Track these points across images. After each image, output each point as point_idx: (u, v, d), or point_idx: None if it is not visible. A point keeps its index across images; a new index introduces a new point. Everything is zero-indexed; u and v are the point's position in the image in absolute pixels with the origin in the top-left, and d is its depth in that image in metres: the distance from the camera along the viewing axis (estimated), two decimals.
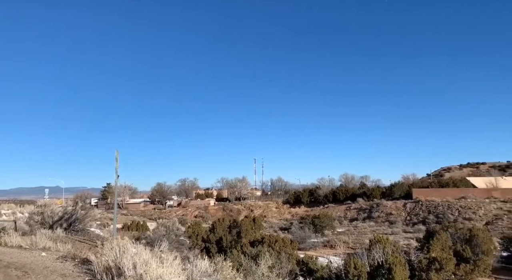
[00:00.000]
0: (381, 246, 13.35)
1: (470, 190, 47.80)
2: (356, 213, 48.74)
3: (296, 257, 14.37)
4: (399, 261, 9.28)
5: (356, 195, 55.57)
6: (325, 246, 28.82)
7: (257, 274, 7.60)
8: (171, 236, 14.77)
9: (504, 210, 37.36)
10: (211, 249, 20.67)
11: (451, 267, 10.32)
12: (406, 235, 31.69)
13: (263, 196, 79.38)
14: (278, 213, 59.18)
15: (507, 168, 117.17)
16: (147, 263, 4.93)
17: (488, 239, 18.97)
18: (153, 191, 79.26)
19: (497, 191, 45.75)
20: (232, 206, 64.36)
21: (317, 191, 62.87)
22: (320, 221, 35.07)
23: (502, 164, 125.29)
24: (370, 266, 9.93)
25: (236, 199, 72.74)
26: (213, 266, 6.64)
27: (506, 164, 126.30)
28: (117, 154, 10.02)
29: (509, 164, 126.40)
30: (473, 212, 38.27)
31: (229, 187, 79.44)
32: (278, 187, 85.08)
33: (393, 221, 41.65)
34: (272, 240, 18.62)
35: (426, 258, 11.03)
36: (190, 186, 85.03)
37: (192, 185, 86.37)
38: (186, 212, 63.38)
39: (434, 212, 40.82)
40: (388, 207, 46.17)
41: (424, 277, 9.67)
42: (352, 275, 9.21)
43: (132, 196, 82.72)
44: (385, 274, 9.02)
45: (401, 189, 54.03)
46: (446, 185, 55.58)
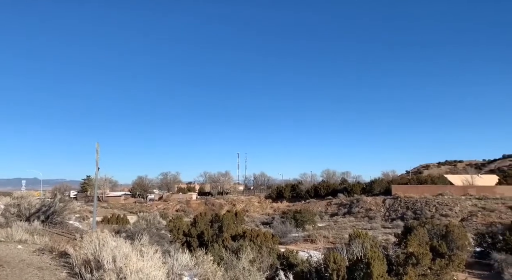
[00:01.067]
0: (360, 241, 13.59)
1: (447, 187, 49.08)
2: (336, 208, 49.40)
3: (277, 251, 14.51)
4: (378, 256, 9.46)
5: (337, 191, 56.31)
6: (306, 240, 29.14)
7: (238, 268, 7.63)
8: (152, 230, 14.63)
9: (479, 207, 38.54)
10: (193, 243, 20.63)
11: (427, 262, 10.59)
12: (385, 231, 32.32)
13: (246, 191, 79.52)
14: (260, 208, 59.45)
15: (483, 166, 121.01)
16: (127, 257, 4.87)
17: (463, 235, 19.56)
18: (134, 185, 78.31)
19: (473, 188, 47.13)
20: (214, 201, 64.28)
21: (299, 186, 63.42)
22: (302, 216, 35.42)
23: (478, 162, 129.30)
24: (349, 261, 10.10)
25: (218, 193, 72.66)
26: (194, 260, 6.63)
27: (482, 163, 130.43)
28: (98, 146, 9.84)
29: (485, 162, 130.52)
30: (450, 209, 39.33)
31: (212, 181, 79.25)
32: (261, 182, 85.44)
33: (372, 216, 42.42)
34: (253, 234, 18.72)
35: (403, 253, 11.30)
36: (172, 180, 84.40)
37: (174, 179, 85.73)
38: (168, 206, 62.99)
39: (412, 208, 41.76)
40: (368, 202, 46.97)
41: (401, 271, 9.91)
42: (331, 269, 9.35)
43: (113, 189, 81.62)
44: (363, 269, 9.19)
45: (381, 185, 55.02)
46: (425, 182, 56.89)
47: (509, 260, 17.11)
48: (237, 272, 7.41)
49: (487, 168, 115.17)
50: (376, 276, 8.84)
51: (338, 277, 9.15)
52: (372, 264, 8.99)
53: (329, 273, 9.37)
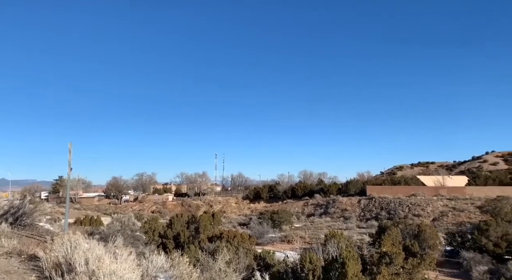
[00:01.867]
0: (335, 241, 13.79)
1: (419, 188, 50.46)
2: (313, 208, 49.92)
3: (254, 252, 14.52)
4: (352, 255, 9.62)
5: (314, 191, 56.92)
6: (283, 241, 29.29)
7: (214, 270, 7.59)
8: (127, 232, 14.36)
9: (450, 207, 39.81)
10: (168, 244, 20.37)
11: (400, 261, 10.83)
12: (360, 231, 32.88)
13: (223, 192, 79.25)
14: (237, 209, 59.36)
15: (454, 168, 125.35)
16: (100, 259, 4.76)
17: (434, 235, 20.15)
18: (109, 185, 76.63)
19: (444, 189, 48.67)
20: (191, 202, 63.72)
21: (277, 187, 63.73)
22: (279, 217, 35.58)
23: (449, 164, 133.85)
24: (325, 261, 10.22)
25: (195, 194, 72.07)
26: (170, 261, 6.55)
27: (453, 164, 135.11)
28: (71, 146, 9.57)
29: (455, 164, 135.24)
30: (422, 209, 40.44)
31: (189, 182, 78.58)
32: (239, 182, 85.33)
33: (348, 216, 43.09)
34: (230, 235, 18.68)
35: (377, 252, 11.52)
36: (147, 181, 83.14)
37: (150, 179, 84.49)
38: (143, 207, 61.99)
39: (386, 209, 42.69)
40: (343, 203, 47.70)
41: (375, 270, 10.10)
42: (307, 269, 9.44)
43: (86, 190, 79.62)
44: (338, 268, 9.32)
45: (356, 186, 55.99)
46: (398, 182, 58.30)
47: (477, 259, 17.75)
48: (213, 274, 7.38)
49: (458, 170, 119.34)
50: (351, 276, 8.99)
51: (313, 277, 9.24)
52: (347, 264, 9.13)
53: (305, 273, 9.46)
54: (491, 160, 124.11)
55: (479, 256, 18.09)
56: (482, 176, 63.40)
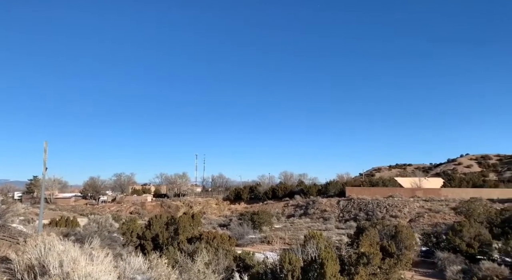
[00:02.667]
0: (315, 241, 13.90)
1: (397, 190, 51.52)
2: (293, 209, 50.25)
3: (233, 253, 14.48)
4: (331, 256, 9.72)
5: (294, 192, 57.32)
6: (263, 242, 29.35)
7: (193, 271, 7.53)
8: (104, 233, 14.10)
9: (426, 209, 40.78)
10: (146, 246, 20.09)
11: (377, 262, 11.02)
12: (339, 231, 33.27)
13: (204, 193, 78.83)
14: (218, 210, 59.13)
15: (430, 170, 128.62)
16: (75, 261, 4.65)
17: (410, 235, 20.58)
18: (86, 186, 75.04)
19: (420, 190, 49.85)
20: (171, 202, 63.08)
21: (257, 188, 63.87)
22: (259, 218, 35.64)
23: (425, 166, 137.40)
24: (304, 261, 10.30)
25: (175, 195, 71.41)
26: (148, 263, 6.47)
27: (429, 166, 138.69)
28: (46, 145, 9.33)
29: (431, 166, 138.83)
30: (399, 210, 41.29)
31: (168, 183, 77.83)
32: (219, 183, 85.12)
33: (327, 217, 43.57)
34: (210, 236, 18.58)
35: (355, 253, 11.68)
36: (126, 181, 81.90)
37: (129, 180, 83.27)
38: (121, 208, 60.92)
39: (365, 210, 43.38)
40: (323, 204, 48.21)
41: (353, 271, 10.24)
42: (286, 270, 9.48)
43: (62, 190, 77.70)
44: (317, 269, 9.40)
45: (336, 187, 56.71)
46: (376, 184, 59.39)
47: (451, 259, 18.25)
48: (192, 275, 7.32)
49: (434, 172, 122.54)
50: (329, 276, 9.08)
51: (293, 278, 9.29)
52: (326, 264, 9.23)
53: (284, 274, 9.50)
54: (465, 162, 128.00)
55: (453, 256, 18.60)
56: (457, 178, 65.35)
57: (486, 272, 15.69)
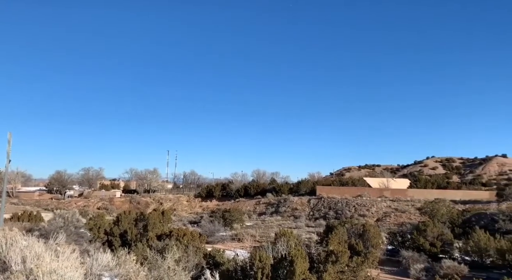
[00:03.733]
0: (285, 239, 14.04)
1: (365, 189, 52.83)
2: (265, 207, 50.53)
3: (203, 251, 14.40)
4: (301, 254, 9.85)
5: (266, 190, 57.64)
6: (233, 239, 29.33)
7: (163, 268, 7.43)
8: (70, 228, 13.68)
9: (392, 208, 42.05)
10: (114, 242, 19.65)
11: (345, 260, 11.24)
12: (309, 229, 33.73)
13: (175, 189, 77.92)
14: (189, 207, 58.61)
15: (397, 171, 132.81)
16: (39, 257, 4.49)
17: (377, 234, 21.15)
18: (51, 180, 72.43)
19: (388, 191, 51.34)
20: (140, 199, 61.94)
21: (230, 185, 63.77)
22: (230, 215, 35.60)
23: (393, 167, 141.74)
24: (274, 259, 10.38)
25: (145, 191, 70.19)
26: (116, 259, 6.34)
27: (397, 167, 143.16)
28: (10, 136, 8.93)
29: (399, 167, 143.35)
30: (367, 209, 42.36)
31: (138, 178, 76.43)
32: (191, 180, 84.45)
33: (297, 215, 44.09)
34: (180, 233, 18.38)
35: (324, 251, 11.88)
36: (94, 176, 79.79)
37: (97, 175, 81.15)
38: (88, 203, 59.26)
39: (334, 208, 44.22)
40: (294, 202, 48.75)
41: (322, 268, 10.42)
42: (256, 267, 9.53)
43: (26, 184, 74.86)
44: (287, 266, 9.51)
45: (307, 186, 57.49)
46: (346, 183, 60.70)
47: (415, 257, 18.87)
48: (162, 272, 7.23)
49: (401, 173, 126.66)
50: (299, 274, 9.21)
51: (263, 275, 9.35)
52: (295, 262, 9.34)
53: (254, 271, 9.54)
54: (431, 164, 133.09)
55: (417, 254, 19.24)
56: (423, 180, 67.76)
57: (447, 270, 16.38)
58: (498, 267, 18.34)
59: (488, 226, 24.96)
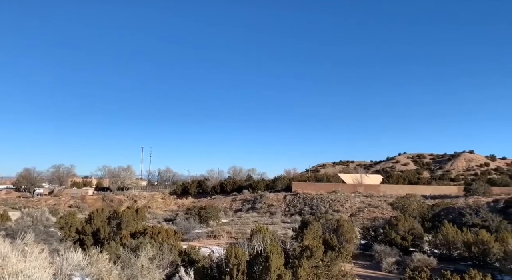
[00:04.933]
0: (261, 235, 14.08)
1: (340, 185, 53.75)
2: (241, 204, 50.56)
3: (179, 248, 14.26)
4: (276, 249, 9.91)
5: (242, 187, 57.69)
6: (209, 236, 29.20)
7: (136, 266, 7.30)
8: (39, 227, 13.23)
9: (365, 204, 42.98)
10: (86, 241, 19.17)
11: (319, 254, 11.37)
12: (284, 225, 34.01)
13: (149, 187, 76.73)
14: (164, 204, 57.85)
15: (370, 167, 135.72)
16: (5, 257, 4.31)
17: (351, 229, 21.58)
18: (19, 177, 69.89)
19: (361, 186, 52.44)
20: (114, 196, 60.65)
21: (206, 182, 63.45)
22: (206, 212, 35.41)
23: (366, 163, 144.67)
24: (250, 255, 10.40)
25: (118, 189, 68.80)
26: (88, 258, 6.17)
27: (370, 163, 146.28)
28: None
29: (372, 163, 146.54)
30: (341, 205, 43.12)
31: (112, 176, 74.83)
32: (166, 177, 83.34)
33: (273, 212, 44.37)
34: (155, 231, 18.13)
35: (299, 246, 12.00)
36: (65, 173, 77.53)
37: (68, 172, 78.91)
38: (59, 201, 57.48)
39: (310, 204, 44.77)
40: (270, 198, 49.02)
41: (297, 263, 10.51)
42: (232, 264, 9.52)
43: None
44: (262, 262, 9.54)
45: (283, 182, 57.94)
46: (321, 180, 61.56)
47: (387, 251, 19.36)
48: (135, 270, 7.10)
49: (374, 169, 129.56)
50: (274, 269, 9.26)
51: (238, 271, 9.35)
52: (271, 258, 9.39)
53: (229, 267, 9.53)
54: (403, 161, 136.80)
55: (389, 248, 19.74)
56: (395, 176, 69.66)
57: (417, 263, 16.91)
58: (465, 259, 19.10)
59: (456, 220, 25.96)
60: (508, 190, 45.93)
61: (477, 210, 27.15)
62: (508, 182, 59.07)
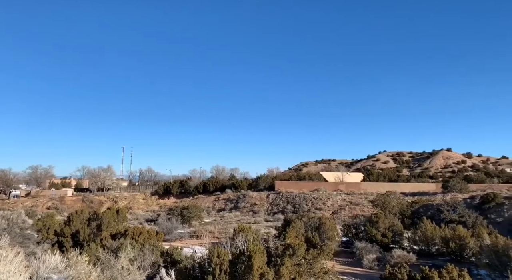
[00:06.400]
0: (243, 234, 14.10)
1: (322, 183, 54.27)
2: (224, 203, 50.42)
3: (160, 249, 14.11)
4: (259, 248, 9.93)
5: (225, 186, 57.53)
6: (192, 236, 29.00)
7: (116, 268, 7.18)
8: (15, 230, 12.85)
9: (347, 201, 43.52)
10: (65, 243, 18.76)
11: (302, 252, 11.46)
12: (267, 224, 34.09)
13: (130, 187, 75.64)
14: (145, 205, 57.14)
15: (352, 165, 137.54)
16: None
17: (333, 227, 21.82)
18: None
19: (343, 184, 53.09)
20: (94, 197, 59.50)
21: (188, 182, 62.98)
22: (189, 212, 35.15)
23: (348, 162, 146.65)
24: (233, 254, 10.38)
25: (98, 189, 67.55)
26: (66, 261, 6.04)
27: (351, 162, 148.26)
28: None
29: (353, 161, 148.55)
30: (323, 203, 43.53)
31: (91, 176, 73.41)
32: (148, 177, 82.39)
33: (256, 211, 44.44)
34: (136, 232, 17.90)
35: (282, 245, 12.06)
36: (43, 174, 75.56)
37: (46, 173, 76.92)
38: (37, 203, 56.01)
39: (292, 203, 45.04)
40: (253, 197, 49.06)
41: (279, 262, 10.56)
42: (214, 263, 9.49)
43: None
44: (245, 261, 9.54)
45: (266, 181, 58.07)
46: (304, 178, 62.04)
47: (367, 248, 19.65)
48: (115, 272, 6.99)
49: (355, 167, 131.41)
50: (256, 268, 9.27)
51: (220, 271, 9.32)
52: (253, 257, 9.40)
53: (212, 267, 9.49)
54: (383, 159, 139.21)
55: (370, 245, 20.04)
56: (375, 173, 70.78)
57: (397, 259, 17.23)
58: (443, 254, 19.59)
59: (434, 216, 26.59)
60: (484, 187, 47.38)
61: (455, 207, 27.88)
62: (484, 178, 60.92)
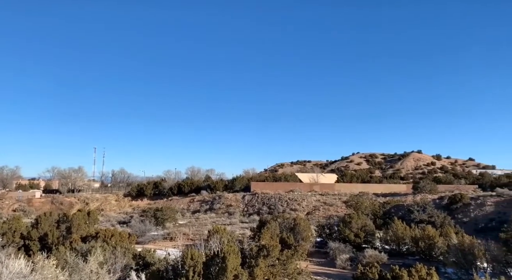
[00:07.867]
0: (218, 236, 14.04)
1: (297, 184, 54.76)
2: (199, 205, 49.99)
3: (133, 251, 13.83)
4: (233, 250, 9.90)
5: (200, 188, 57.05)
6: (166, 238, 28.59)
7: (85, 272, 6.97)
8: None
9: (321, 202, 44.08)
10: (32, 247, 18.08)
11: (276, 253, 11.51)
12: (243, 225, 34.05)
13: (102, 188, 73.76)
14: (118, 206, 55.87)
15: (326, 166, 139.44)
16: None
17: (307, 227, 22.04)
18: None
19: (317, 185, 53.75)
20: (64, 199, 57.63)
21: (162, 183, 62.03)
22: (162, 214, 34.64)
23: (322, 163, 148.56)
24: (207, 256, 10.30)
25: (69, 191, 65.47)
26: (32, 265, 5.81)
27: (326, 163, 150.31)
28: None
29: (328, 163, 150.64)
30: (298, 204, 43.92)
31: (61, 177, 71.10)
32: (120, 179, 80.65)
33: (232, 212, 44.30)
34: (108, 234, 17.51)
35: (256, 246, 12.07)
36: (9, 175, 72.55)
37: (13, 174, 73.93)
38: (2, 205, 53.70)
39: (268, 204, 45.19)
40: (229, 199, 48.88)
41: (253, 263, 10.57)
42: (188, 265, 9.38)
43: None
44: (219, 263, 9.49)
45: (242, 182, 58.00)
46: (279, 179, 62.39)
47: (341, 248, 19.96)
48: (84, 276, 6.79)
49: (329, 168, 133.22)
50: (230, 270, 9.24)
51: (194, 273, 9.23)
52: (228, 258, 9.36)
53: (185, 269, 9.38)
54: (356, 160, 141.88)
55: (343, 245, 20.36)
56: (349, 174, 72.11)
57: (369, 258, 17.58)
58: (413, 254, 20.17)
59: (405, 217, 27.33)
60: (452, 188, 49.10)
61: (424, 207, 28.75)
62: (452, 180, 63.12)
